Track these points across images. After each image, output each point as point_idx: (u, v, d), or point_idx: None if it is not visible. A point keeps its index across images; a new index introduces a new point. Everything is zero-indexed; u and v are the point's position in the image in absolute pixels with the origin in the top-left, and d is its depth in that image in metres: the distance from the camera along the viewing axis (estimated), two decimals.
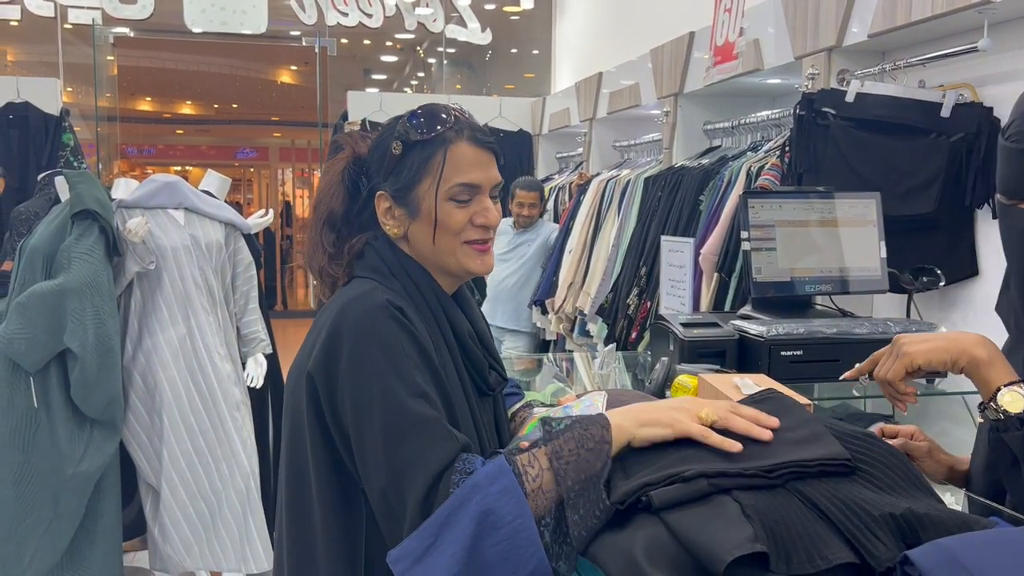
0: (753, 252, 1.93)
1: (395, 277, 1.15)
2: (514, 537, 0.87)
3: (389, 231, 1.17)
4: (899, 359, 1.12)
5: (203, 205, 3.05)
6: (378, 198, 1.17)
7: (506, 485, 0.89)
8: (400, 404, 1.00)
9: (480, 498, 0.88)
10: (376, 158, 1.18)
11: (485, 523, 0.87)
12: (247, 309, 3.16)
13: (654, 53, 3.62)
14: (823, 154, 2.26)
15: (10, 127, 4.75)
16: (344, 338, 1.05)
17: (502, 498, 0.89)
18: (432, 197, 1.14)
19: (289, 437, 1.12)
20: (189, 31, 5.61)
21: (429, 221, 1.14)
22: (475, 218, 1.15)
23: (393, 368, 1.02)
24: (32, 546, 2.65)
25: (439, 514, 0.90)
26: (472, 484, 0.90)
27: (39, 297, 2.60)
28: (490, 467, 0.93)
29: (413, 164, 1.14)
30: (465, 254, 1.16)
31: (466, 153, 1.14)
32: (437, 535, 0.88)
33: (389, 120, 1.21)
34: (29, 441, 2.64)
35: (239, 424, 3.00)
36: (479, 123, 1.20)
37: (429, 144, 1.14)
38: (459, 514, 0.88)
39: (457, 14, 6.12)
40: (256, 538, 3.00)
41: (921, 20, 2.04)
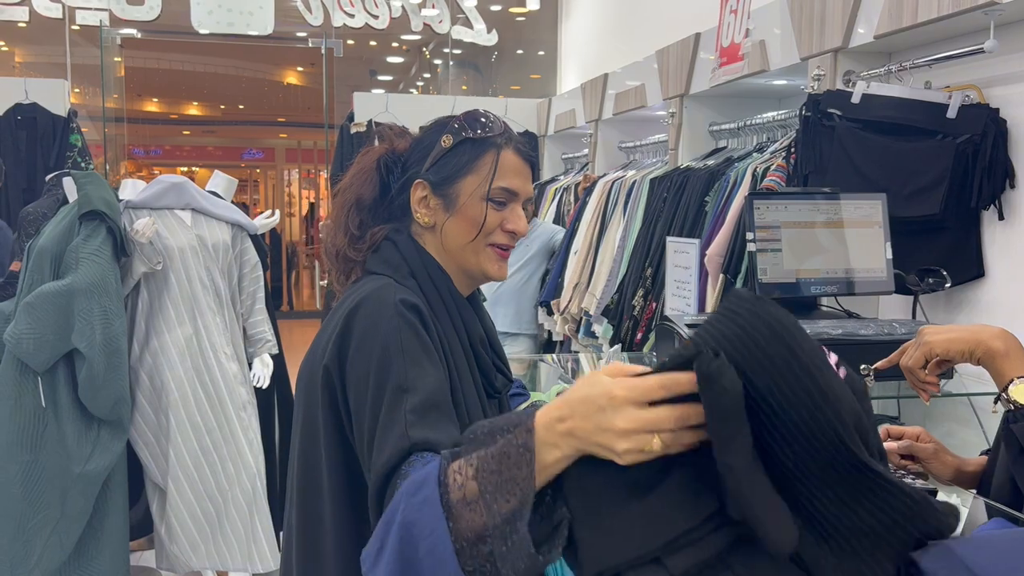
0: (759, 253, 1.93)
1: (414, 276, 1.17)
2: (432, 554, 0.79)
3: (420, 219, 1.20)
4: (919, 348, 1.16)
5: (210, 206, 3.06)
6: (415, 185, 1.20)
7: (426, 496, 0.80)
8: (382, 402, 1.01)
9: (404, 508, 0.82)
10: (420, 149, 1.22)
11: (408, 535, 0.81)
12: (253, 309, 3.17)
13: (660, 54, 3.62)
14: (829, 155, 2.26)
15: (18, 128, 4.77)
16: (353, 332, 1.07)
17: (422, 509, 0.80)
18: (473, 194, 1.18)
19: (302, 431, 1.13)
20: (196, 32, 5.63)
21: (464, 218, 1.18)
22: (506, 223, 1.20)
23: (386, 366, 1.03)
24: (39, 545, 2.66)
25: (385, 515, 0.85)
26: (401, 492, 0.84)
27: (47, 297, 2.61)
28: (419, 473, 0.84)
29: (462, 159, 1.19)
30: (487, 257, 1.21)
31: (513, 161, 1.21)
32: (382, 540, 0.84)
33: (439, 118, 1.25)
34: (37, 440, 2.65)
35: (245, 424, 3.01)
36: None
37: (481, 144, 1.19)
38: (391, 522, 0.83)
39: (463, 15, 6.13)
40: (262, 537, 3.01)
41: (927, 21, 2.04)
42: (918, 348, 1.16)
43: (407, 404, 1.00)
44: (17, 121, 4.79)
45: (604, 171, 4.32)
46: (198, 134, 15.09)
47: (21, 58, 8.08)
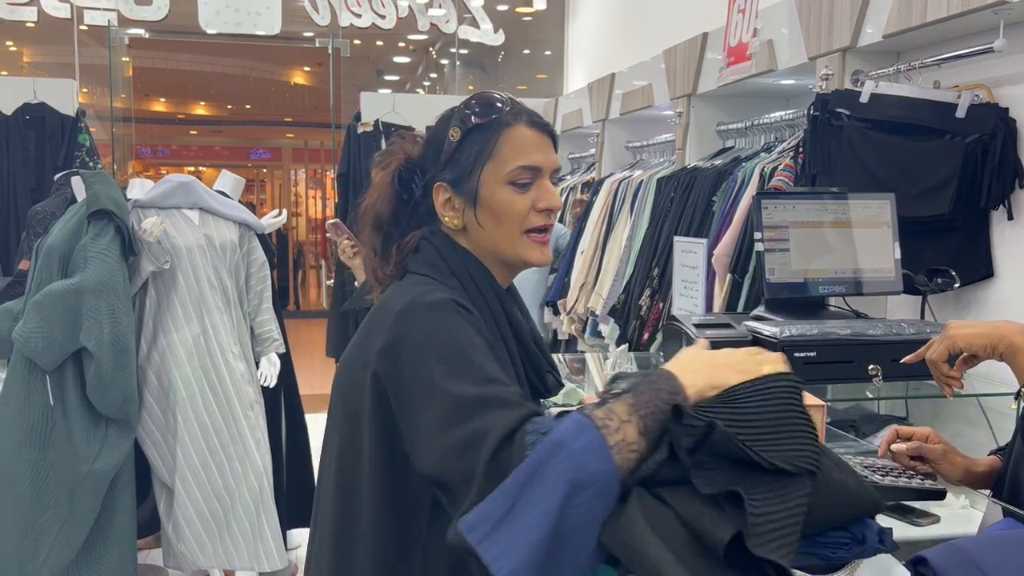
0: (766, 253, 1.92)
1: (455, 275, 1.12)
2: (598, 497, 0.79)
3: (449, 223, 1.15)
4: (943, 341, 1.19)
5: (217, 205, 3.07)
6: (436, 190, 1.15)
7: (590, 440, 0.81)
8: (470, 391, 0.95)
9: (565, 455, 0.80)
10: (432, 151, 1.17)
11: (572, 482, 0.79)
12: (261, 309, 3.18)
13: (667, 54, 3.62)
14: (837, 155, 2.25)
15: (27, 128, 4.79)
16: (407, 336, 1.01)
17: (587, 454, 0.80)
18: (494, 182, 1.12)
19: (341, 436, 1.08)
20: (203, 32, 5.64)
21: (490, 208, 1.12)
22: (537, 202, 1.13)
23: (463, 357, 0.98)
24: (48, 543, 2.67)
25: (517, 475, 0.82)
26: (553, 441, 0.82)
27: (55, 296, 2.62)
28: (569, 423, 0.84)
29: (472, 149, 1.12)
30: (525, 245, 1.14)
31: (526, 135, 1.13)
32: (517, 497, 0.80)
33: (442, 114, 1.19)
34: (45, 439, 2.66)
35: (252, 423, 3.01)
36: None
37: (487, 127, 1.12)
38: (542, 473, 0.80)
39: (470, 15, 6.13)
40: (269, 536, 3.01)
41: (936, 20, 2.03)
42: (942, 342, 1.18)
43: (502, 390, 0.95)
44: (26, 121, 4.80)
45: (611, 170, 4.31)
46: (205, 134, 15.13)
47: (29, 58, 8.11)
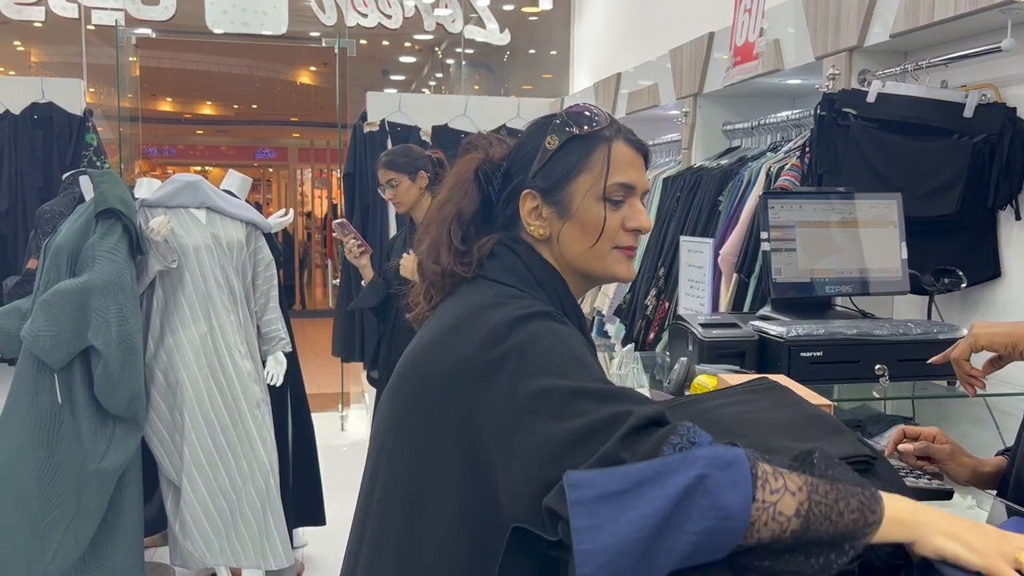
0: (773, 253, 1.92)
1: (541, 287, 1.08)
2: (713, 534, 0.74)
3: (534, 232, 1.11)
4: (966, 339, 1.24)
5: (225, 204, 3.08)
6: (524, 196, 1.11)
7: (737, 478, 0.76)
8: (587, 386, 0.91)
9: (704, 474, 0.75)
10: (523, 155, 1.13)
11: (694, 505, 0.74)
12: (267, 308, 3.19)
13: (673, 54, 3.62)
14: (844, 155, 2.25)
15: (35, 127, 4.81)
16: (519, 345, 0.95)
17: (727, 488, 0.75)
18: (588, 195, 1.09)
19: (414, 449, 1.02)
20: (210, 32, 5.65)
21: (582, 222, 1.09)
22: (627, 222, 1.11)
23: (581, 363, 0.94)
24: (55, 541, 2.68)
25: (648, 466, 0.77)
26: (699, 456, 0.77)
27: (64, 295, 2.63)
28: (723, 450, 0.79)
29: (570, 160, 1.09)
30: (615, 260, 1.12)
31: (625, 152, 1.11)
32: (636, 485, 0.76)
33: (536, 120, 1.17)
34: (53, 437, 2.67)
35: (259, 421, 3.02)
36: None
37: (590, 140, 1.10)
38: (672, 478, 0.75)
39: (476, 15, 6.13)
40: (275, 535, 3.02)
41: (943, 20, 2.03)
42: (965, 340, 1.23)
43: (628, 391, 0.92)
44: (34, 120, 4.82)
45: None
46: (211, 133, 15.17)
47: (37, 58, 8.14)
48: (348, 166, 5.27)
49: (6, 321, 2.81)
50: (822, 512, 0.79)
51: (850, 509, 0.79)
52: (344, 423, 5.85)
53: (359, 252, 3.17)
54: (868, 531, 0.80)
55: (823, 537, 0.78)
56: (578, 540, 0.75)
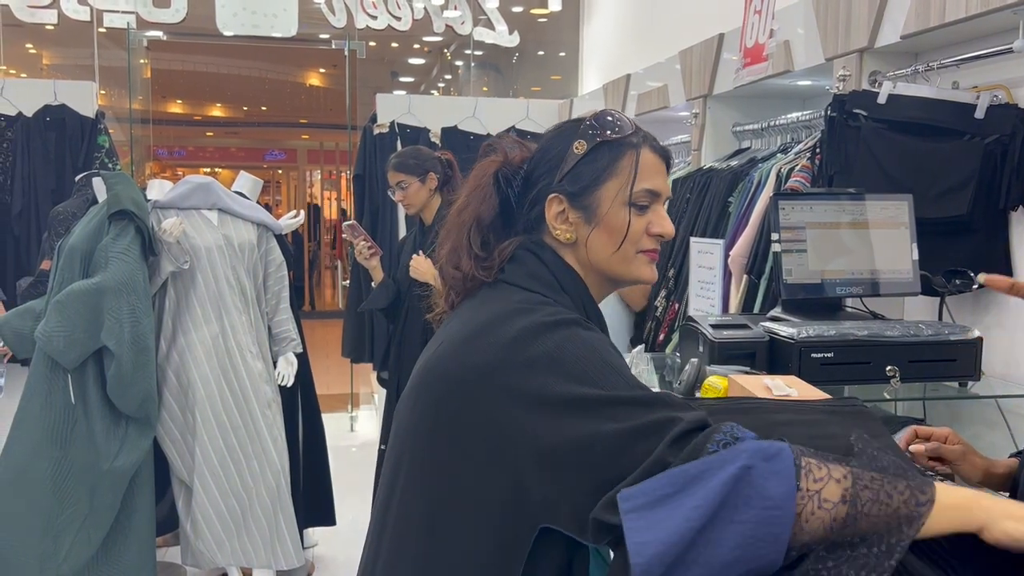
0: (784, 254, 1.92)
1: (566, 292, 1.10)
2: (763, 525, 0.76)
3: (561, 235, 1.12)
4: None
5: (236, 206, 3.10)
6: (550, 200, 1.12)
7: (781, 468, 0.78)
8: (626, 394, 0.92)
9: (748, 464, 0.77)
10: (548, 159, 1.14)
11: (740, 495, 0.76)
12: (278, 308, 3.20)
13: (683, 55, 3.62)
14: (854, 156, 2.24)
15: (48, 129, 4.84)
16: (549, 352, 0.96)
17: (771, 478, 0.77)
18: (616, 201, 1.10)
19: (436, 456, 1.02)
20: (221, 34, 5.68)
21: (609, 228, 1.11)
22: (651, 227, 1.13)
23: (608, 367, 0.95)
24: (68, 540, 2.70)
25: (693, 467, 0.79)
26: (743, 450, 0.79)
27: (77, 296, 2.65)
28: (767, 443, 0.81)
29: (599, 165, 1.11)
30: (640, 263, 1.14)
31: (651, 159, 1.13)
32: (684, 486, 0.78)
33: (559, 124, 1.18)
34: (66, 437, 2.69)
35: (270, 422, 3.04)
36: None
37: (617, 146, 1.11)
38: (716, 473, 0.77)
39: (485, 16, 6.14)
40: (286, 535, 3.04)
41: (955, 21, 2.03)
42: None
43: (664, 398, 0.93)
44: (46, 122, 4.86)
45: None
46: (221, 135, 15.23)
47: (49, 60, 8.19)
48: (358, 168, 5.29)
49: (20, 322, 2.83)
50: (869, 496, 0.79)
51: (898, 491, 0.80)
52: (354, 424, 5.87)
53: (369, 254, 3.18)
54: (922, 511, 0.80)
55: (877, 523, 0.79)
56: (630, 535, 0.77)
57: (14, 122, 4.85)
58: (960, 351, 1.83)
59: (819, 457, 0.82)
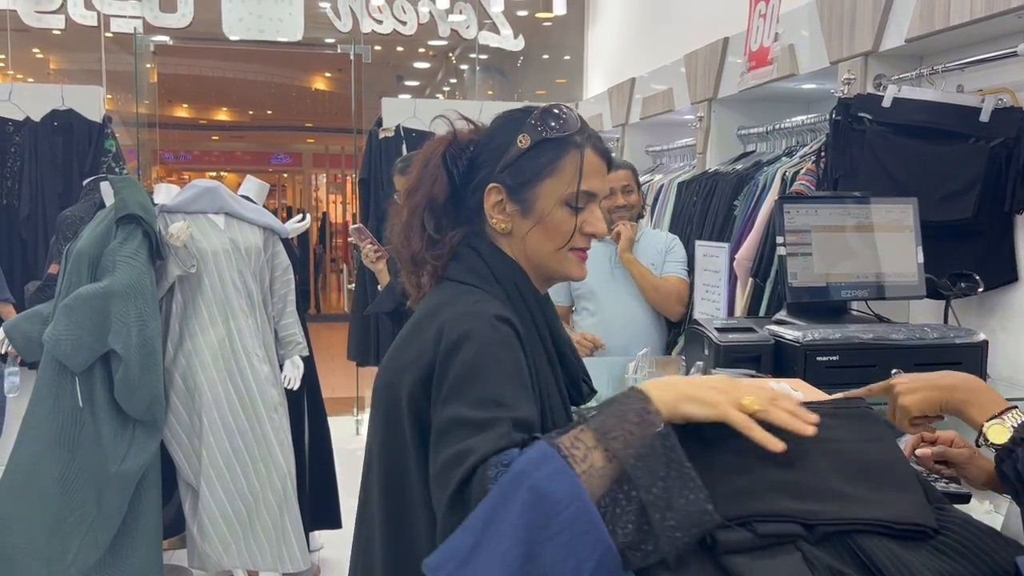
0: (789, 257, 1.93)
1: (499, 282, 1.12)
2: (573, 524, 0.76)
3: (496, 225, 1.14)
4: (898, 411, 1.16)
5: (243, 210, 3.11)
6: (489, 189, 1.13)
7: (555, 468, 0.79)
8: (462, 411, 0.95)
9: (529, 485, 0.78)
10: (492, 148, 1.15)
11: (539, 512, 0.77)
12: (284, 312, 3.21)
13: (688, 58, 3.62)
14: (859, 159, 2.25)
15: (55, 133, 4.85)
16: (447, 349, 1.00)
17: (553, 482, 0.78)
18: (553, 199, 1.12)
19: (386, 447, 1.08)
20: (227, 39, 5.70)
21: (542, 224, 1.12)
22: (584, 226, 1.14)
23: (482, 380, 0.98)
24: (76, 543, 2.71)
25: (481, 510, 0.80)
26: (516, 473, 0.80)
27: (85, 299, 2.67)
28: (531, 452, 0.82)
29: (540, 162, 1.12)
30: (570, 261, 1.15)
31: (592, 161, 1.14)
32: (482, 532, 0.78)
33: (508, 112, 1.18)
34: (74, 440, 2.70)
35: (276, 425, 3.04)
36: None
37: (561, 144, 1.12)
38: (507, 506, 0.78)
39: (490, 20, 6.15)
40: (292, 538, 3.04)
41: (959, 25, 2.03)
42: (897, 411, 1.16)
43: (507, 414, 0.94)
44: (54, 127, 4.87)
45: None
46: (227, 139, 15.26)
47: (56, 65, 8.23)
48: (363, 171, 5.30)
49: (28, 325, 2.85)
50: (620, 444, 0.83)
51: (633, 423, 0.85)
52: (359, 427, 5.88)
53: (376, 257, 3.19)
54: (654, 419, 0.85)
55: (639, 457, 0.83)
56: None
57: (22, 127, 4.87)
58: (965, 354, 1.83)
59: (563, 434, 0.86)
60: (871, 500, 0.88)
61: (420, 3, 5.97)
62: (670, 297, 2.83)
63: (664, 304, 2.84)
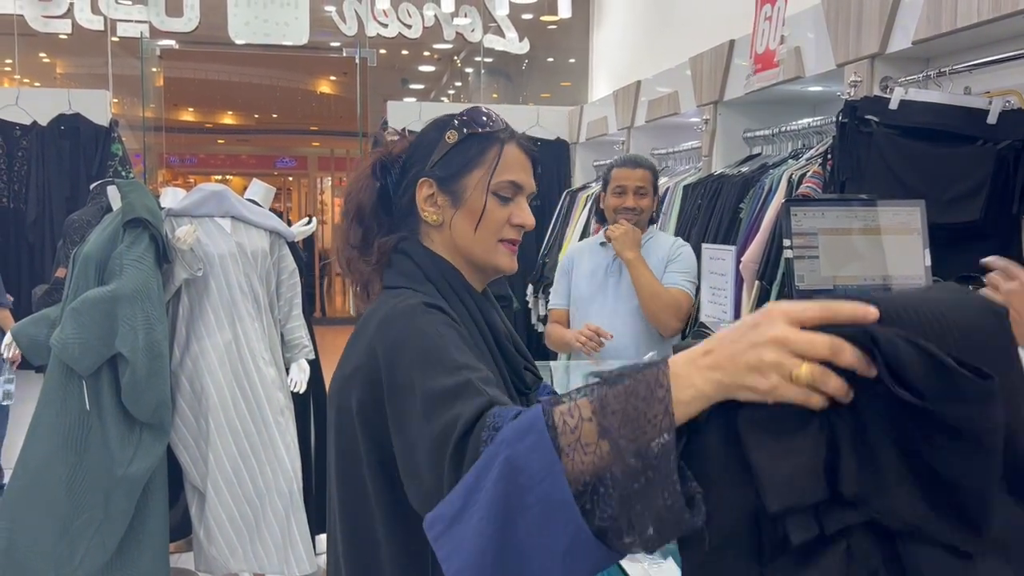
0: (796, 260, 1.92)
1: (429, 280, 1.17)
2: (545, 501, 0.72)
3: (428, 217, 1.20)
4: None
5: (249, 213, 3.12)
6: (421, 184, 1.20)
7: (535, 440, 0.74)
8: (440, 386, 0.94)
9: (506, 455, 0.75)
10: (422, 147, 1.22)
11: (513, 485, 0.73)
12: (291, 315, 3.22)
13: (693, 61, 3.62)
14: (866, 162, 2.24)
15: (62, 138, 4.87)
16: (385, 347, 1.04)
17: (531, 454, 0.73)
18: (480, 188, 1.19)
19: (340, 457, 1.11)
20: (232, 43, 5.72)
21: (472, 212, 1.19)
22: (513, 217, 1.21)
23: (430, 356, 0.99)
24: (83, 546, 2.72)
25: (469, 476, 0.78)
26: (498, 442, 0.77)
27: (92, 303, 2.67)
28: (521, 420, 0.78)
29: (468, 154, 1.19)
30: (498, 252, 1.21)
31: (516, 155, 1.22)
32: (467, 498, 0.77)
33: (436, 118, 1.26)
34: (81, 443, 2.71)
35: (283, 428, 3.05)
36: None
37: (487, 138, 1.20)
38: (487, 474, 0.76)
39: (495, 24, 6.16)
40: (299, 540, 3.04)
41: (967, 26, 2.02)
42: None
43: (472, 375, 0.94)
44: (60, 131, 4.89)
45: None
46: (232, 143, 15.29)
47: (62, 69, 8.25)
48: None
49: (36, 329, 2.86)
50: (620, 418, 0.72)
51: (641, 397, 0.72)
52: None
53: None
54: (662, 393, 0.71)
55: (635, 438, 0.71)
56: (447, 567, 0.77)
57: (29, 131, 4.89)
58: None
59: (566, 399, 0.77)
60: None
61: (425, 7, 5.99)
62: (667, 308, 2.50)
63: (659, 316, 2.51)
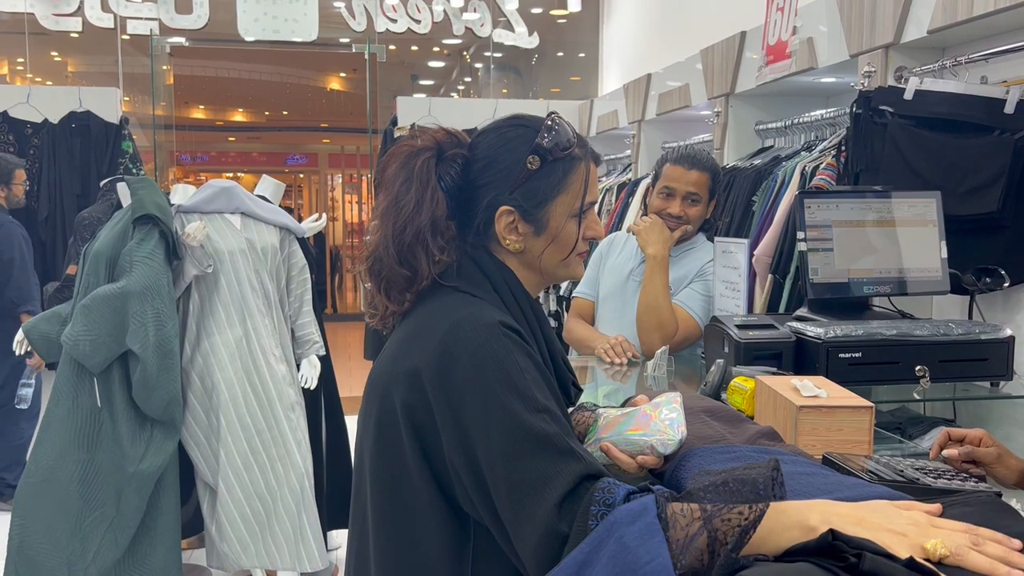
0: (810, 253, 1.90)
1: (496, 291, 1.13)
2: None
3: (511, 246, 1.15)
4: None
5: (259, 210, 3.11)
6: (501, 212, 1.14)
7: (647, 524, 0.83)
8: (522, 423, 0.96)
9: (618, 536, 0.83)
10: (499, 168, 1.15)
11: (619, 563, 0.80)
12: (301, 312, 3.21)
13: (704, 54, 3.59)
14: (881, 153, 2.22)
15: (73, 136, 4.89)
16: (459, 359, 1.01)
17: (641, 538, 0.82)
18: (563, 215, 1.16)
19: (378, 449, 1.09)
20: (242, 40, 5.72)
21: (558, 239, 1.17)
22: (586, 231, 1.20)
23: (512, 387, 0.98)
24: (96, 542, 2.72)
25: (580, 550, 0.85)
26: (612, 522, 0.85)
27: (102, 300, 2.67)
28: (633, 504, 0.86)
29: (552, 180, 1.15)
30: (576, 263, 1.21)
31: (593, 172, 1.20)
32: (577, 571, 0.83)
33: (500, 130, 1.18)
34: (93, 440, 2.71)
35: (294, 424, 3.05)
36: None
37: (569, 162, 1.16)
38: (599, 552, 0.83)
39: (504, 18, 6.14)
40: (310, 537, 3.04)
41: (982, 15, 1.99)
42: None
43: (551, 426, 0.96)
44: (72, 129, 4.91)
45: (647, 172, 4.29)
46: (243, 140, 15.32)
47: (73, 68, 8.28)
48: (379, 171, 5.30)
49: (47, 326, 2.86)
50: (723, 526, 0.82)
51: (741, 513, 0.83)
52: None
53: None
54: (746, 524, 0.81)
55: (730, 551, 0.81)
56: None
57: (40, 129, 4.91)
58: (991, 350, 1.80)
59: (684, 500, 0.86)
60: None
61: (434, 2, 5.97)
62: (659, 328, 2.30)
63: (646, 330, 2.32)
